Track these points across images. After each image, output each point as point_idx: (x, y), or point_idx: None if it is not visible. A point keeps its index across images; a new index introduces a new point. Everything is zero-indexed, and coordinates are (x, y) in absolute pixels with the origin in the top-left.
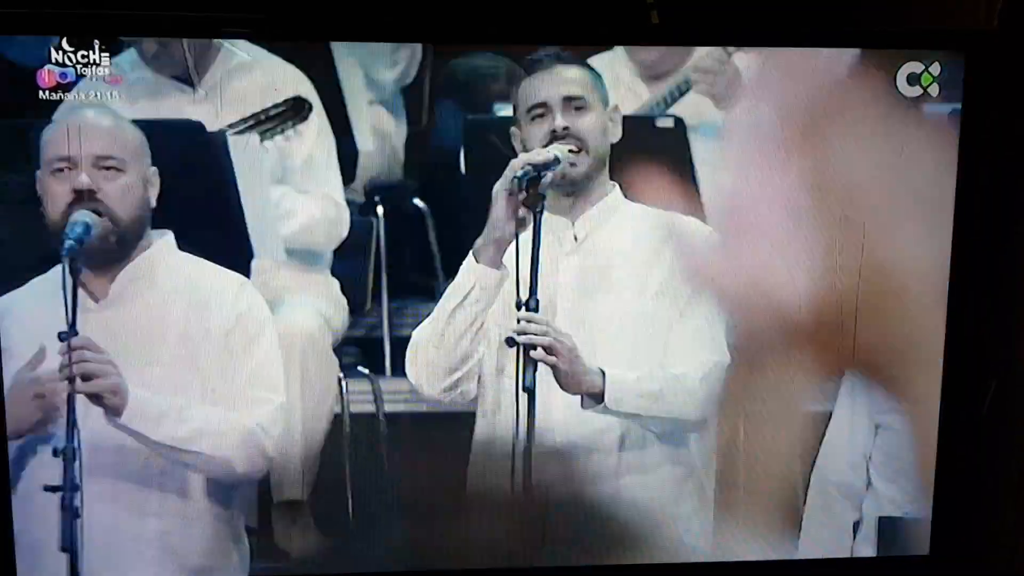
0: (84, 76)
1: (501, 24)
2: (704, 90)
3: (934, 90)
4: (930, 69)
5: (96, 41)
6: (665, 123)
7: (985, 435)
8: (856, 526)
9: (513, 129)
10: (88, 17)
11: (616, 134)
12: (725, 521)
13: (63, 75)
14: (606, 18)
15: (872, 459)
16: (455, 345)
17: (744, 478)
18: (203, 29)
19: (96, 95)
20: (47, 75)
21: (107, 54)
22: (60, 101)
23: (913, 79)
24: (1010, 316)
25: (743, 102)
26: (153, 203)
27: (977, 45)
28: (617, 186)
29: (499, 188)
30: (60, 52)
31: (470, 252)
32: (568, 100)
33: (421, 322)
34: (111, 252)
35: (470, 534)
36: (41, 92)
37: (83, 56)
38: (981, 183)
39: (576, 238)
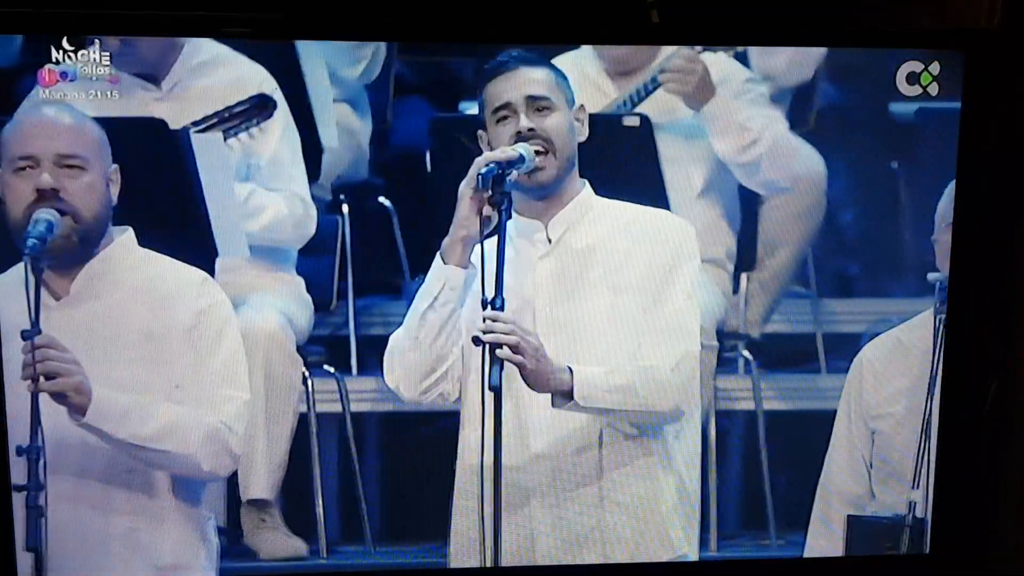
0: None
1: (501, 24)
2: (674, 88)
3: (934, 89)
4: (930, 68)
5: (97, 40)
6: (631, 121)
7: (985, 435)
8: None
9: (480, 132)
10: (87, 17)
11: (583, 133)
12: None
13: (64, 74)
14: (606, 18)
15: (873, 467)
16: (429, 347)
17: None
18: (203, 28)
19: (96, 94)
20: (47, 74)
21: (72, 51)
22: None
23: (913, 78)
24: (1010, 316)
25: None
26: (115, 201)
27: (977, 44)
28: (587, 183)
29: (464, 187)
30: (60, 51)
31: (438, 253)
32: (532, 101)
33: (387, 320)
34: (73, 250)
35: (454, 532)
36: (42, 91)
37: (83, 55)
38: (981, 183)
39: (550, 240)
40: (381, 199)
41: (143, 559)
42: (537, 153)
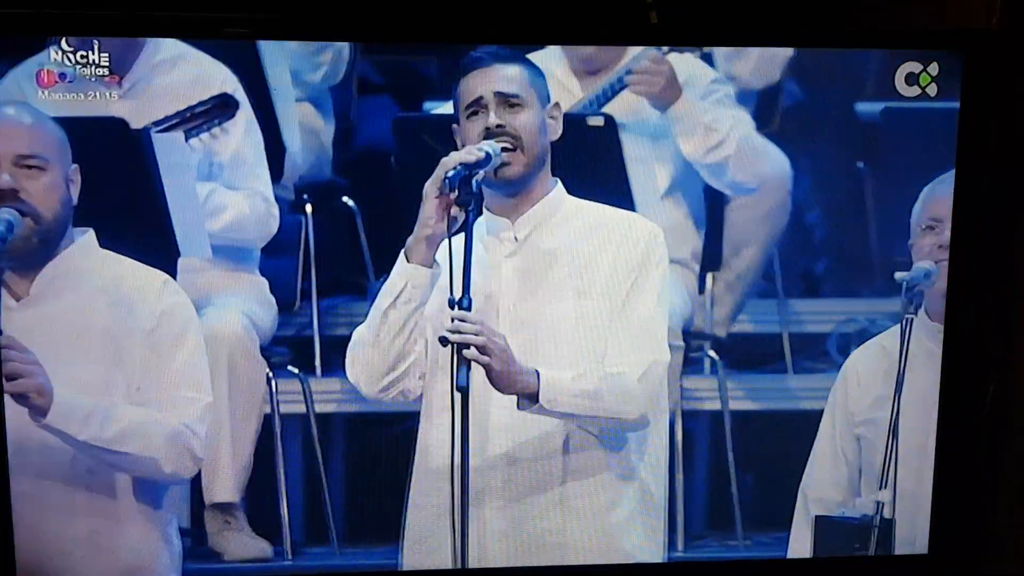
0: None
1: (501, 24)
2: (640, 90)
3: (932, 90)
4: (928, 69)
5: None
6: (596, 121)
7: (985, 435)
8: None
9: (454, 126)
10: (86, 17)
11: (557, 132)
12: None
13: (62, 75)
14: (605, 18)
15: (862, 473)
16: (390, 345)
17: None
18: (203, 29)
19: (96, 95)
20: (46, 75)
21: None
22: None
23: (912, 79)
24: (1010, 316)
25: None
26: (75, 201)
27: (976, 45)
28: (559, 182)
29: (430, 186)
30: (59, 52)
31: (402, 251)
32: (503, 97)
33: (352, 320)
34: (33, 251)
35: (413, 534)
36: (40, 92)
37: (82, 56)
38: (981, 183)
39: (516, 238)
40: (345, 199)
41: (105, 561)
42: (505, 150)
